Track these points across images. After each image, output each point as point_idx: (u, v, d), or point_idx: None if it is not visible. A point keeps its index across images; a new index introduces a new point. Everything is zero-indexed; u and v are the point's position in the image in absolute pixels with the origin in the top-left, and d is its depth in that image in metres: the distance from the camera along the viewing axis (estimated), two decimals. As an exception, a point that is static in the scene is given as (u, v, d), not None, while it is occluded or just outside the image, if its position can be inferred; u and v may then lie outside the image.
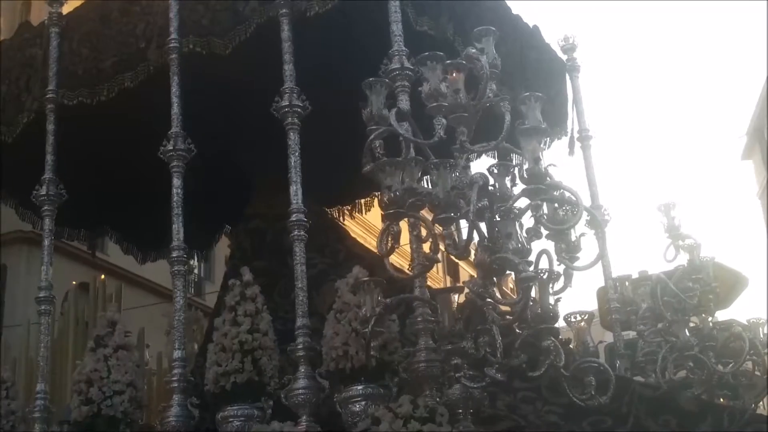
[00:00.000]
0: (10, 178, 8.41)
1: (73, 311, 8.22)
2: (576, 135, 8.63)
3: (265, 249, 7.57)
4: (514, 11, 8.08)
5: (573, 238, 5.15)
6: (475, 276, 5.02)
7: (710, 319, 7.43)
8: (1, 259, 18.38)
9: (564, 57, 8.80)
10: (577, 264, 5.09)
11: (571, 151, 8.57)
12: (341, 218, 10.16)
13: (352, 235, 9.07)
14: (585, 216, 6.05)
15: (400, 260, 8.36)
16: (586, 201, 8.30)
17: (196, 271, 9.62)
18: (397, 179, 4.82)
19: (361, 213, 10.28)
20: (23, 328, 8.92)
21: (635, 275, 8.53)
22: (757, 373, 7.19)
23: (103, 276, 8.92)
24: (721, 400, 7.09)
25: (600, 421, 5.74)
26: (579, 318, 5.33)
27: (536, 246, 5.06)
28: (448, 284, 26.64)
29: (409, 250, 5.54)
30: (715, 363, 7.03)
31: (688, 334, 7.09)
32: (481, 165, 5.63)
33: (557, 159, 9.04)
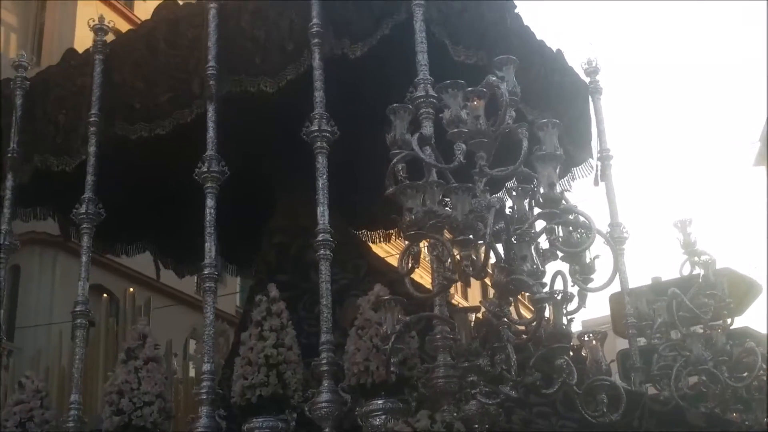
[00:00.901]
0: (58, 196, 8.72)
1: (104, 322, 8.48)
2: (597, 155, 8.83)
3: (288, 263, 7.80)
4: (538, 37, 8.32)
5: (587, 260, 5.37)
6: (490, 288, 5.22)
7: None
8: (15, 260, 18.63)
9: (587, 79, 9.01)
10: (590, 285, 5.31)
11: (596, 182, 8.73)
12: (384, 241, 10.45)
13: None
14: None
15: (421, 272, 8.53)
16: (606, 219, 8.53)
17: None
18: (417, 202, 5.04)
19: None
20: (54, 337, 9.19)
21: (648, 282, 8.68)
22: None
23: (132, 288, 9.17)
24: (734, 414, 7.24)
25: (613, 435, 5.90)
26: (591, 337, 5.54)
27: (554, 267, 5.30)
28: (461, 293, 26.76)
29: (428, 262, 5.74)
30: (728, 377, 7.18)
31: (702, 348, 7.25)
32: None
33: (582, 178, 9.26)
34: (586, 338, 5.51)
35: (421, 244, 5.27)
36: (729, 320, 7.75)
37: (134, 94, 7.79)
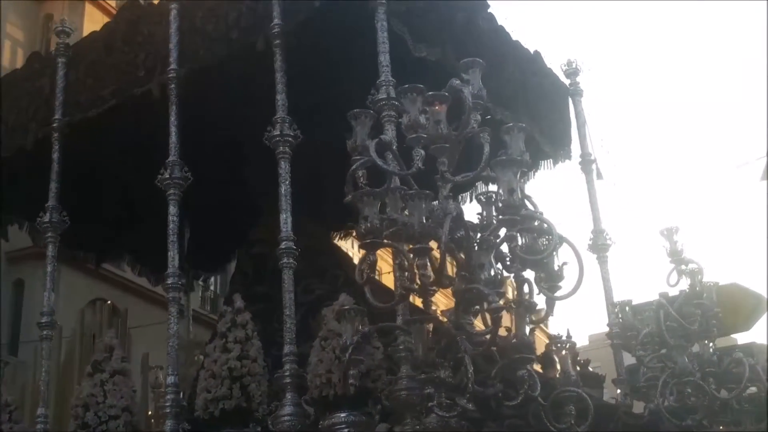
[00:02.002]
0: (20, 203, 8.65)
1: (79, 333, 8.39)
2: (579, 159, 8.67)
3: (266, 274, 7.65)
4: (514, 37, 8.17)
5: (555, 267, 5.21)
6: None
7: (711, 344, 7.42)
8: (18, 275, 18.64)
9: (567, 81, 8.85)
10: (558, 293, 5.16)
11: (600, 175, 8.56)
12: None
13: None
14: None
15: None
16: (589, 225, 8.37)
17: (212, 287, 9.80)
18: (374, 209, 4.89)
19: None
20: (31, 352, 9.13)
21: (644, 298, 8.52)
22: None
23: (109, 301, 9.07)
24: (720, 427, 7.07)
25: (586, 449, 5.73)
26: (561, 346, 5.40)
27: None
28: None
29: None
30: (716, 389, 7.01)
31: (687, 360, 7.08)
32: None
33: (563, 181, 9.13)
34: (555, 347, 5.40)
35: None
36: (716, 331, 7.59)
37: (83, 90, 7.74)
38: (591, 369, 9.92)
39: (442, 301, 10.62)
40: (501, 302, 4.67)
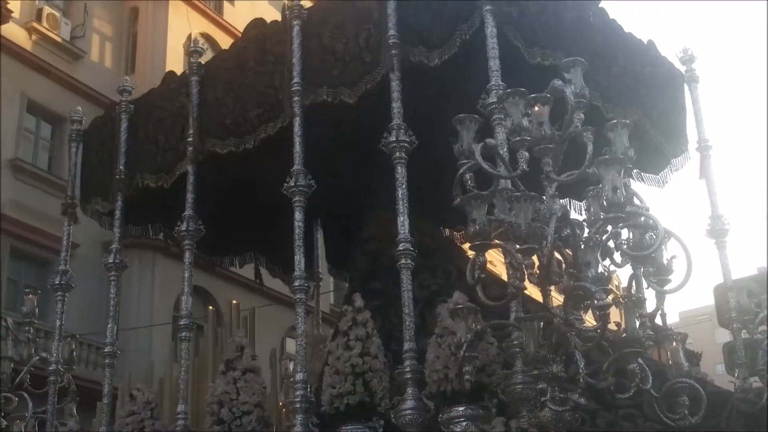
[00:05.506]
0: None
1: (212, 333, 8.86)
2: (696, 146, 8.61)
3: (381, 270, 7.88)
4: (626, 29, 8.16)
5: (664, 261, 5.32)
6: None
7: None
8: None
9: (683, 68, 8.78)
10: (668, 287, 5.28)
11: (701, 176, 8.50)
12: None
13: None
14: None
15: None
16: (707, 210, 8.31)
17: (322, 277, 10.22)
18: (482, 212, 5.09)
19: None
20: (156, 340, 9.64)
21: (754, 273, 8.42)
22: None
23: (235, 301, 9.53)
24: None
25: (697, 437, 5.79)
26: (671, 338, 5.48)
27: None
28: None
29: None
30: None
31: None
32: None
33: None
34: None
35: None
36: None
37: (226, 111, 8.08)
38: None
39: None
40: (609, 298, 4.82)
